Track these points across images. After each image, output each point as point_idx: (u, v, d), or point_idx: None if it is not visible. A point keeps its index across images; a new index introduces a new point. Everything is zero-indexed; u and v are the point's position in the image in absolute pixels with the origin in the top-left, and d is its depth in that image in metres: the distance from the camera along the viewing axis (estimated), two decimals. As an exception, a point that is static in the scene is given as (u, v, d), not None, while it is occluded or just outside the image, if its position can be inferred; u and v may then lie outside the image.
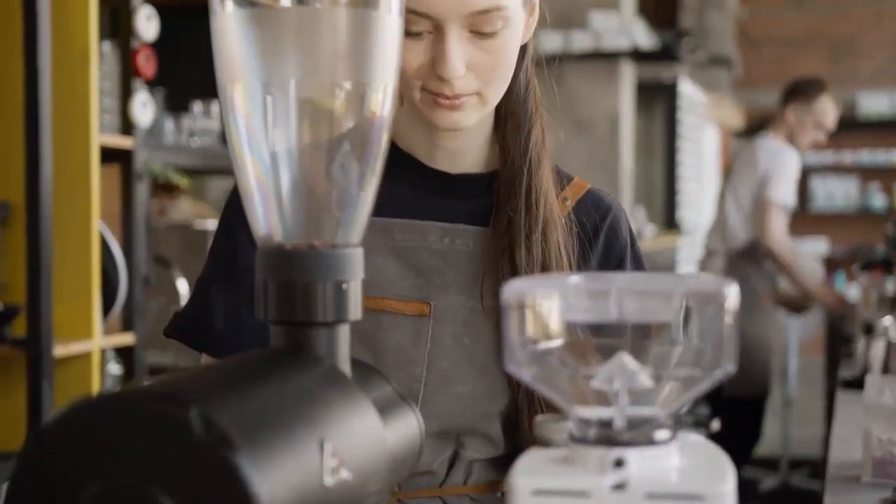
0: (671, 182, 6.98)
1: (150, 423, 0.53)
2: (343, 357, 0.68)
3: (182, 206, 3.53)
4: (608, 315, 0.60)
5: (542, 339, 0.62)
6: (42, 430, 0.55)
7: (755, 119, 7.83)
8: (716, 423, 4.17)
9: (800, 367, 5.47)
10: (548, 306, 0.61)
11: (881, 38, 9.38)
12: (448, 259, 1.16)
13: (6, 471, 0.58)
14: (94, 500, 0.53)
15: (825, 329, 4.98)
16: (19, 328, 2.45)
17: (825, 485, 1.66)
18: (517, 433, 1.16)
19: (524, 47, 1.18)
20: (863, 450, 1.63)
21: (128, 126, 2.74)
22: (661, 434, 0.61)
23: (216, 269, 1.20)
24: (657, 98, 6.81)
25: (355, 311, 0.67)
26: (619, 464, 0.60)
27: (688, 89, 7.07)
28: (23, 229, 2.43)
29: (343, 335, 0.68)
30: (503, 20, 1.07)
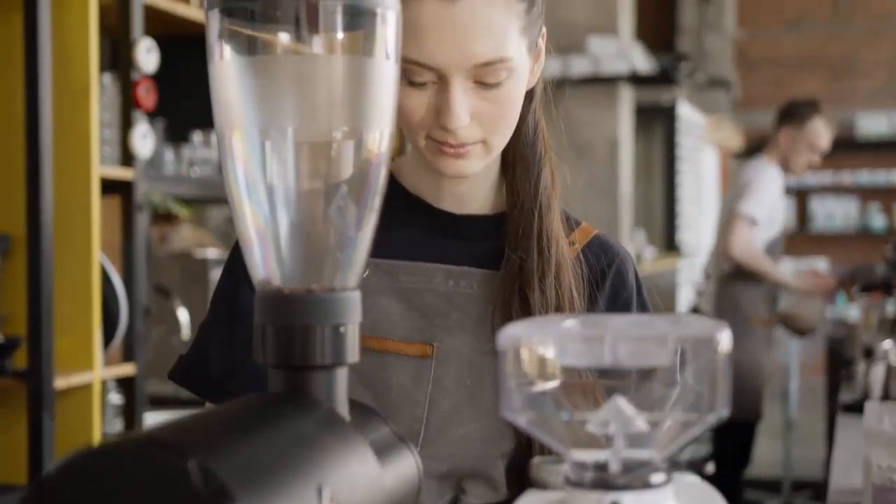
0: (671, 204, 7.00)
1: (150, 472, 0.53)
2: (341, 400, 0.68)
3: (183, 234, 3.54)
4: (603, 360, 0.60)
5: (538, 384, 0.63)
6: (43, 479, 0.56)
7: (754, 140, 7.85)
8: (710, 466, 4.18)
9: (802, 389, 5.47)
10: (543, 351, 0.62)
11: (879, 59, 9.42)
12: (452, 301, 1.16)
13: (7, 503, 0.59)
14: (94, 550, 0.54)
15: (826, 351, 4.98)
16: (20, 360, 2.46)
17: (826, 513, 1.66)
18: (520, 476, 1.16)
19: (532, 90, 1.19)
20: (863, 477, 1.64)
21: (128, 157, 2.75)
22: (657, 477, 0.62)
23: (217, 313, 1.21)
24: (656, 121, 6.83)
25: (353, 354, 0.68)
26: (615, 507, 0.60)
27: (686, 112, 7.09)
28: (24, 261, 2.44)
29: (341, 378, 0.68)
30: (507, 71, 1.08)
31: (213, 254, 3.20)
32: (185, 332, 3.01)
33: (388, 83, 0.69)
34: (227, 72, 0.68)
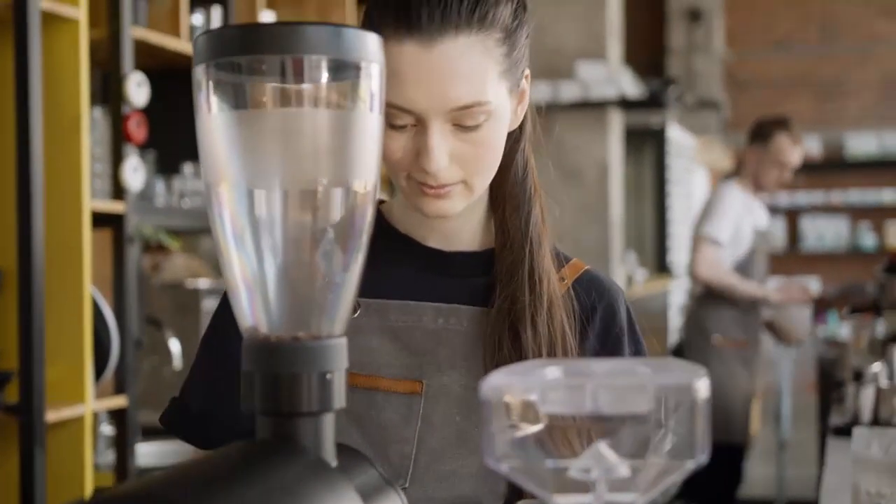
0: (661, 226, 7.03)
1: (140, 526, 0.54)
2: (328, 446, 0.69)
3: (176, 262, 3.54)
4: (584, 407, 0.62)
5: (520, 431, 0.64)
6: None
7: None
8: None
9: (794, 408, 5.48)
10: (525, 399, 0.63)
11: (868, 79, 9.49)
12: (441, 338, 1.17)
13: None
14: None
15: (817, 370, 4.99)
16: (12, 394, 2.46)
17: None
18: None
19: (521, 128, 1.20)
20: (851, 503, 1.65)
21: (119, 191, 2.75)
22: (639, 521, 0.63)
23: (204, 362, 1.23)
24: (646, 144, 6.87)
25: (340, 400, 0.69)
26: (597, 552, 0.61)
27: (676, 134, 7.13)
28: (15, 295, 2.44)
29: (328, 424, 0.69)
30: (486, 114, 1.09)
31: (205, 284, 3.21)
32: (177, 362, 3.02)
33: (373, 134, 0.71)
34: (214, 125, 0.69)
